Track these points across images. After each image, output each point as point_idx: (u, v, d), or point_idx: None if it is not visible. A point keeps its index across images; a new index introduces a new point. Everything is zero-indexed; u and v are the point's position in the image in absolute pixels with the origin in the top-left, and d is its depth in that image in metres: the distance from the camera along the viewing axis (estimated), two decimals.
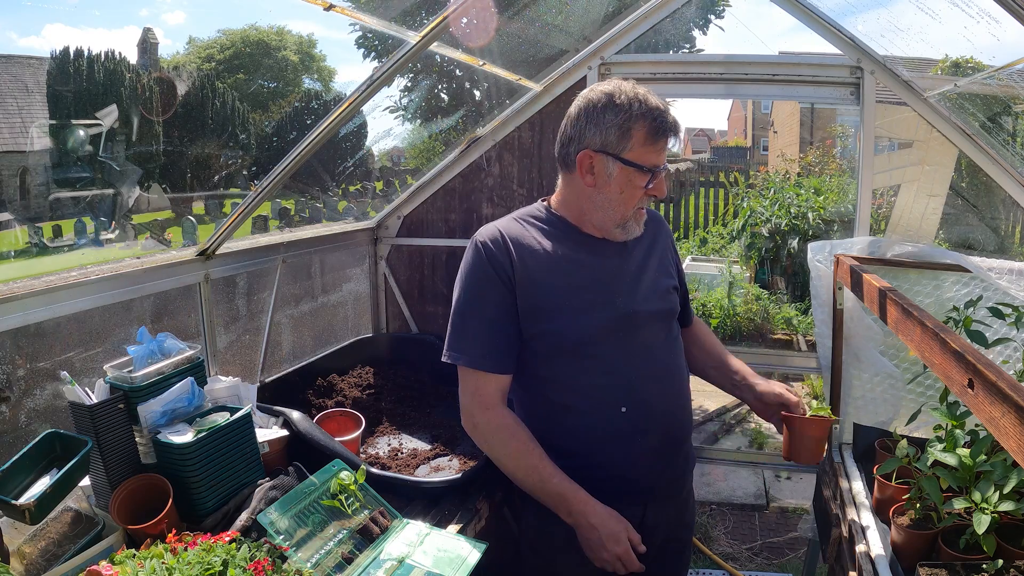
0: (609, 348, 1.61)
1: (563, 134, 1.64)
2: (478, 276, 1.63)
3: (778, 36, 46.10)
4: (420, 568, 1.50)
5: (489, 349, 1.60)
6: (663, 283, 1.73)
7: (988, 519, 1.36)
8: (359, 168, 22.04)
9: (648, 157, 1.56)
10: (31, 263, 14.32)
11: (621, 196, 1.59)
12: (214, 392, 1.77)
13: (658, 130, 1.55)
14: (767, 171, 13.10)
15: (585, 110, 1.59)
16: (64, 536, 1.43)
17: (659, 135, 1.56)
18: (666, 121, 1.56)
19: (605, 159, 1.57)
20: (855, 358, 2.27)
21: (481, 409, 1.62)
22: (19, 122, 22.47)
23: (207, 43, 36.71)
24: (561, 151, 1.65)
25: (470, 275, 1.64)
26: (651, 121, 1.54)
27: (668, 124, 1.56)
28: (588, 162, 1.59)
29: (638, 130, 1.54)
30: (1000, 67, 2.30)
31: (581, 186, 1.62)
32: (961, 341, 1.21)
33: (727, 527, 3.84)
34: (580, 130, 1.59)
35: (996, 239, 4.03)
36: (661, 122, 1.55)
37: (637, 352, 1.64)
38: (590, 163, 1.59)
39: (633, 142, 1.55)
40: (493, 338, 1.60)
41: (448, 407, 2.60)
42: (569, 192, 1.67)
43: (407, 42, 2.05)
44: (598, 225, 1.65)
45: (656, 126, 1.55)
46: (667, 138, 1.57)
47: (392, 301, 3.12)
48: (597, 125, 1.56)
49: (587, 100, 1.60)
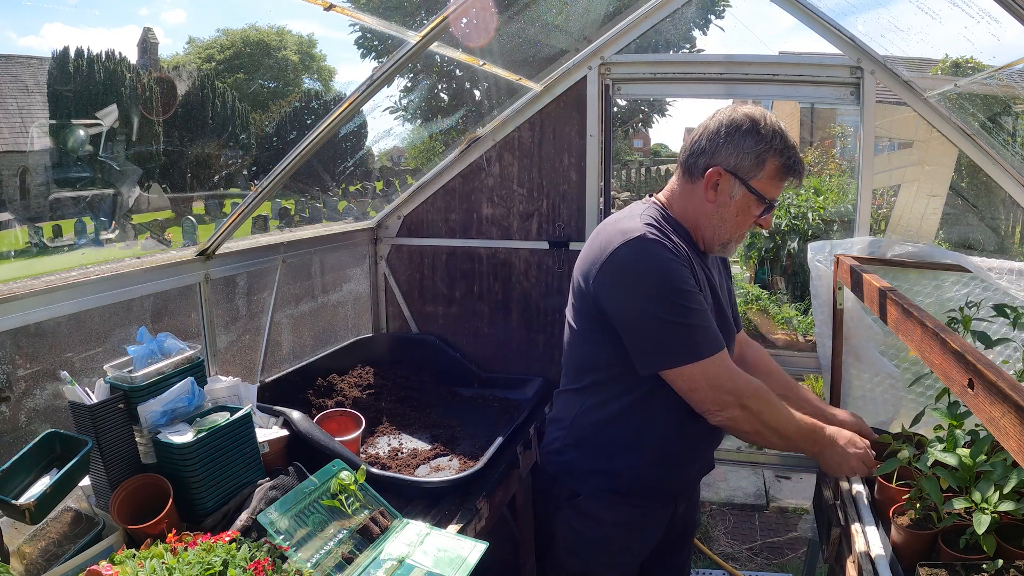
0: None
1: (696, 143, 1.65)
2: (670, 265, 1.53)
3: (778, 36, 46.11)
4: (420, 568, 1.50)
5: (713, 327, 1.58)
6: (731, 300, 1.85)
7: (988, 519, 1.35)
8: (359, 168, 22.05)
9: (771, 190, 1.63)
10: (31, 263, 14.32)
11: (736, 220, 1.64)
12: (214, 392, 1.77)
13: (790, 168, 1.62)
14: None
15: (727, 128, 1.61)
16: (64, 536, 1.43)
17: (789, 173, 1.63)
18: (799, 162, 1.63)
19: (733, 181, 1.61)
20: (855, 358, 2.27)
21: (743, 383, 1.57)
22: (19, 122, 22.47)
23: (207, 43, 36.71)
24: (689, 160, 1.66)
25: (661, 266, 1.52)
26: (786, 159, 1.61)
27: (799, 165, 1.64)
28: (716, 179, 1.61)
29: (772, 162, 1.60)
30: (1000, 67, 2.30)
31: (701, 199, 1.64)
32: (961, 341, 1.21)
33: (727, 527, 3.84)
34: (717, 146, 1.61)
35: (996, 239, 4.03)
36: (795, 161, 1.62)
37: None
38: (717, 180, 1.61)
39: (765, 173, 1.60)
40: (710, 315, 1.59)
41: (448, 407, 2.60)
42: (687, 202, 1.68)
43: (407, 42, 2.04)
44: (705, 239, 1.69)
45: (789, 164, 1.62)
46: (794, 178, 1.65)
47: (392, 301, 3.12)
48: (736, 147, 1.59)
49: (731, 119, 1.61)
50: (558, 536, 1.79)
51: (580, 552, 1.75)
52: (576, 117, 2.79)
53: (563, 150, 2.83)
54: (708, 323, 1.56)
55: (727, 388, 1.56)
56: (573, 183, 2.83)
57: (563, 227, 2.85)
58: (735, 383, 1.57)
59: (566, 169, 2.83)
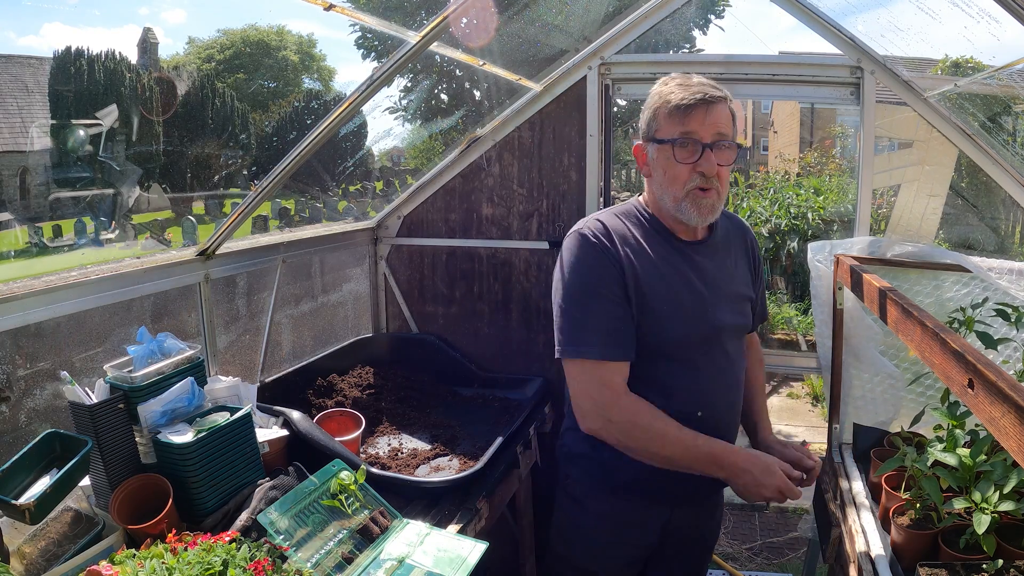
0: (698, 355, 1.64)
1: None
2: (591, 264, 1.58)
3: (778, 36, 46.10)
4: (420, 568, 1.50)
5: (614, 337, 1.57)
6: (743, 295, 1.77)
7: (988, 519, 1.35)
8: (359, 168, 22.05)
9: (671, 129, 1.57)
10: (31, 263, 14.33)
11: (665, 177, 1.61)
12: (214, 392, 1.77)
13: (676, 102, 1.55)
14: (767, 171, 13.11)
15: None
16: (64, 536, 1.43)
17: (678, 108, 1.55)
18: (686, 91, 1.56)
19: (646, 145, 1.64)
20: (855, 358, 2.27)
21: (614, 399, 1.56)
22: (19, 122, 22.48)
23: (207, 43, 36.73)
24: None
25: (580, 264, 1.59)
26: (671, 97, 1.57)
27: (685, 92, 1.56)
28: (642, 155, 1.66)
29: (661, 108, 1.59)
30: (1000, 67, 2.30)
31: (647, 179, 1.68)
32: (961, 341, 1.21)
33: (727, 527, 3.84)
34: (638, 129, 1.67)
35: (996, 239, 4.03)
36: (680, 96, 1.55)
37: (718, 361, 1.68)
38: (643, 155, 1.65)
39: (660, 120, 1.59)
40: (616, 324, 1.57)
41: (448, 407, 2.60)
42: (648, 191, 1.71)
43: (407, 42, 2.04)
44: (667, 216, 1.66)
45: (675, 100, 1.56)
46: (690, 107, 1.54)
47: (392, 301, 3.12)
48: (643, 117, 1.65)
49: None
50: (553, 516, 1.85)
51: (565, 534, 1.79)
52: (576, 117, 2.79)
53: (563, 150, 2.83)
54: (607, 327, 1.56)
55: (595, 399, 1.57)
56: (573, 183, 2.83)
57: (563, 227, 2.85)
58: (603, 397, 1.55)
59: (566, 169, 2.83)
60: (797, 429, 5.26)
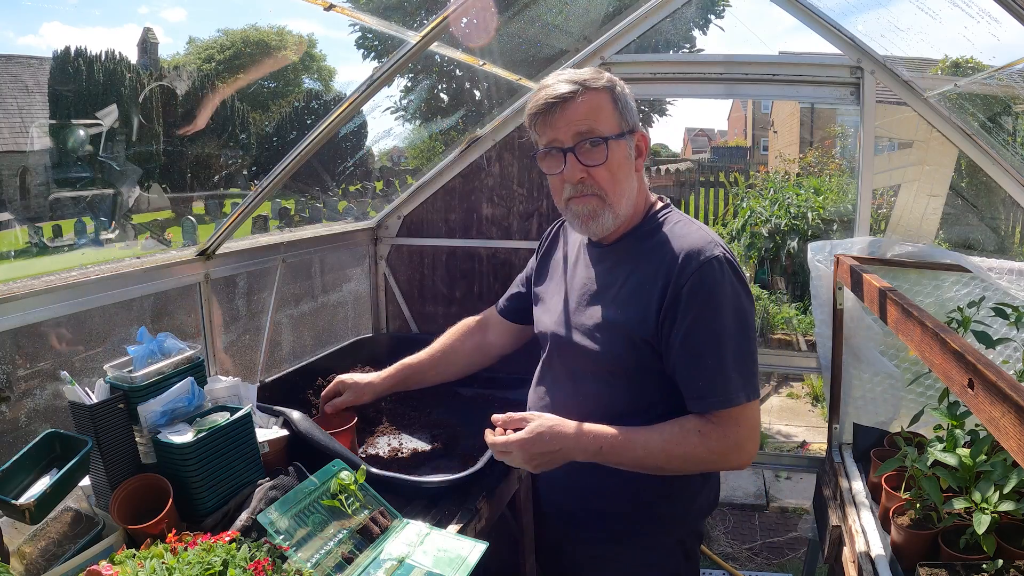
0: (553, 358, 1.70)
1: None
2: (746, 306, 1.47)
3: (778, 36, 46.09)
4: (420, 568, 1.50)
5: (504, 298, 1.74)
6: (607, 319, 1.51)
7: (988, 519, 1.36)
8: (359, 168, 22.03)
9: (539, 139, 1.51)
10: (31, 263, 14.32)
11: (552, 190, 1.58)
12: (214, 392, 1.77)
13: (529, 110, 1.50)
14: (767, 171, 13.11)
15: None
16: (64, 536, 1.43)
17: (534, 114, 1.48)
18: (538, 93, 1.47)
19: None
20: (855, 358, 2.27)
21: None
22: (19, 122, 22.48)
23: (207, 43, 36.69)
24: None
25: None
26: (530, 102, 1.50)
27: (538, 96, 1.46)
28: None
29: (529, 120, 1.52)
30: (1000, 67, 2.30)
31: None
32: (961, 341, 1.21)
33: (727, 527, 3.84)
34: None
35: (996, 239, 4.03)
36: (535, 98, 1.48)
37: (560, 379, 1.70)
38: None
39: (534, 132, 1.53)
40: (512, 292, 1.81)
41: (448, 407, 2.60)
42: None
43: (407, 42, 2.04)
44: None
45: (529, 104, 1.50)
46: (540, 114, 1.45)
47: (392, 301, 3.12)
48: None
49: None
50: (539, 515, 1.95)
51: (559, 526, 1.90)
52: None
53: None
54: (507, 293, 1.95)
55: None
56: None
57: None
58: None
59: None
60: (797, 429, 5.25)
